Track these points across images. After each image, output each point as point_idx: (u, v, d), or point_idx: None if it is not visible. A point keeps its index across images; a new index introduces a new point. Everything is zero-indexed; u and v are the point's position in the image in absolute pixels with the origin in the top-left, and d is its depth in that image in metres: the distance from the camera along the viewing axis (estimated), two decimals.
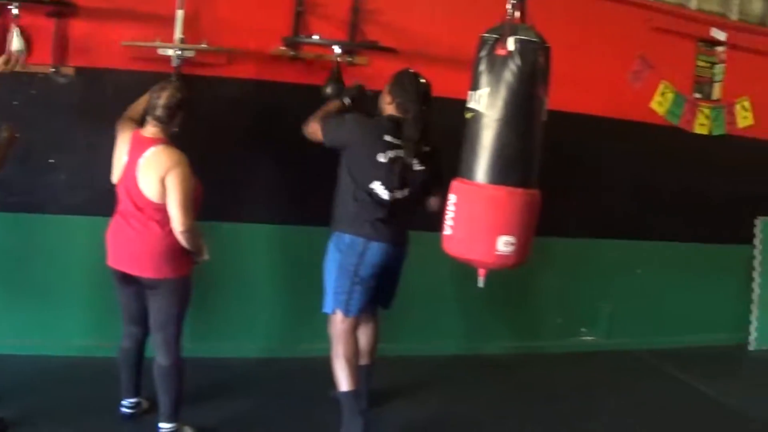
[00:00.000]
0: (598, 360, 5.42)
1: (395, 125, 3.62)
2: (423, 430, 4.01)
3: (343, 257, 3.66)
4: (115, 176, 3.34)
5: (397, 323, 4.35)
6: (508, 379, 4.86)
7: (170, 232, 3.24)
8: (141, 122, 3.37)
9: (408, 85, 3.68)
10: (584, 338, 5.59)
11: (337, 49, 4.18)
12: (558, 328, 5.51)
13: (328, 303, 3.74)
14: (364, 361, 3.98)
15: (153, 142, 3.26)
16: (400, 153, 3.60)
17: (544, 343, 5.42)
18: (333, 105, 3.84)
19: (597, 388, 4.91)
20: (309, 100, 3.94)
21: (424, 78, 3.73)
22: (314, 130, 3.69)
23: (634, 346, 5.65)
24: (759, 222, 6.04)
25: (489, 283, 3.39)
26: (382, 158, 3.57)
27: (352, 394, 3.67)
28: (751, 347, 6.07)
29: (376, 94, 3.84)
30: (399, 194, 3.63)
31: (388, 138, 3.58)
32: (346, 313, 3.69)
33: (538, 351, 5.34)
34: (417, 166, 3.65)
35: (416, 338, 4.95)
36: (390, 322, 4.16)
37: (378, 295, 3.85)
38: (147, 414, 3.66)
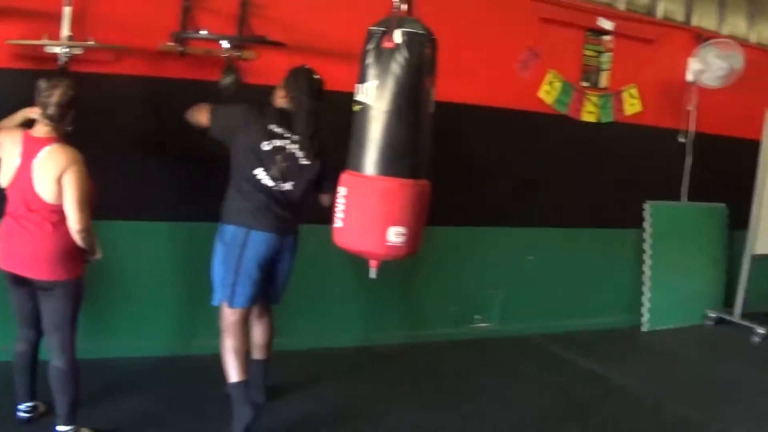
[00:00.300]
0: (493, 346, 5.67)
1: (283, 117, 3.77)
2: (319, 424, 4.11)
3: (226, 249, 3.79)
4: (5, 179, 3.33)
5: (291, 317, 4.49)
6: (402, 369, 5.05)
7: (65, 232, 3.27)
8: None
9: (302, 80, 3.81)
10: (478, 325, 5.84)
11: (225, 44, 4.29)
12: (452, 316, 5.72)
13: (216, 295, 3.87)
14: (259, 355, 4.11)
15: (46, 141, 3.27)
16: (287, 144, 3.75)
17: (439, 332, 5.62)
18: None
19: (490, 373, 5.14)
20: (199, 95, 4.01)
21: (318, 74, 3.86)
22: (200, 116, 3.83)
23: (528, 331, 5.95)
24: (648, 206, 6.45)
25: (382, 274, 3.54)
26: (266, 146, 3.71)
27: (241, 385, 3.78)
28: (644, 328, 6.49)
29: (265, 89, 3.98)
30: (284, 185, 3.77)
31: (273, 127, 3.72)
32: (231, 304, 3.80)
33: (433, 339, 5.55)
34: (304, 161, 3.79)
35: (311, 332, 5.11)
36: (284, 317, 4.29)
37: (267, 287, 3.97)
38: (44, 417, 3.68)
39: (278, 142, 3.75)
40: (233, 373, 3.80)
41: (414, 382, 4.86)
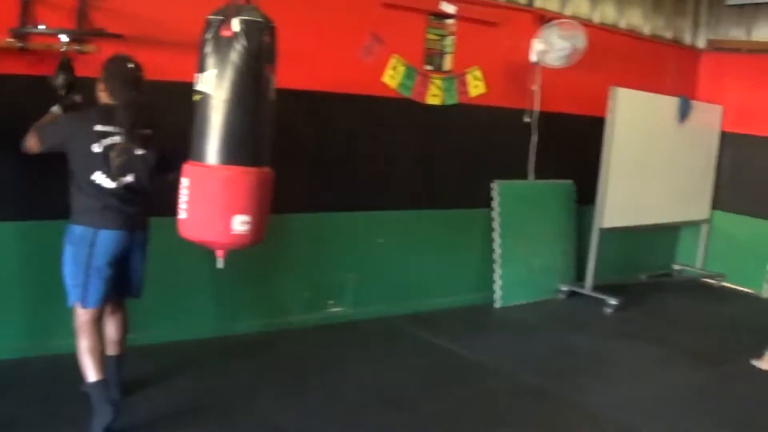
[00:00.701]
0: (349, 330, 5.97)
1: (107, 113, 3.86)
2: (176, 417, 4.23)
3: (75, 249, 3.88)
4: None
5: (144, 311, 4.59)
6: (259, 358, 5.23)
7: None
8: None
9: (116, 71, 3.92)
10: (333, 310, 6.13)
11: (63, 38, 4.34)
12: (306, 302, 5.97)
13: (69, 296, 3.96)
14: (114, 351, 4.20)
15: None
16: (117, 139, 3.85)
17: (294, 318, 5.88)
18: (47, 117, 4.07)
19: (347, 357, 5.41)
20: (41, 91, 4.12)
21: (133, 62, 3.95)
22: (31, 143, 3.92)
23: (383, 313, 6.28)
24: (496, 185, 6.91)
25: (235, 262, 3.75)
26: (96, 148, 3.80)
27: (99, 384, 3.88)
28: (497, 305, 6.97)
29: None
30: (125, 180, 3.89)
31: (99, 127, 3.81)
32: (84, 304, 3.91)
33: (288, 327, 5.78)
34: (138, 151, 3.92)
35: (165, 325, 5.24)
36: (138, 311, 4.40)
37: (122, 284, 4.09)
38: None
39: (107, 141, 3.85)
40: (91, 372, 3.90)
41: (275, 372, 5.03)
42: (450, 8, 6.32)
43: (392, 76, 6.06)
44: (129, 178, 3.95)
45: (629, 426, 4.68)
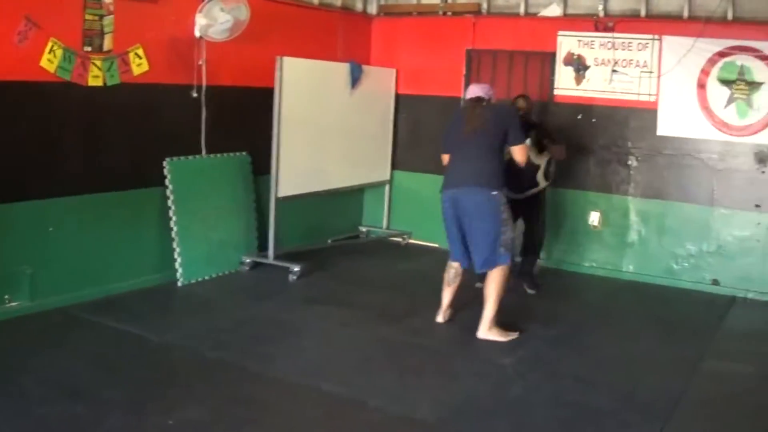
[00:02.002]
0: (27, 324, 6.27)
1: None
2: None
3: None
4: None
5: None
6: None
7: None
8: None
9: None
10: (10, 305, 6.40)
11: None
12: None
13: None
14: None
15: None
16: None
17: None
18: None
19: (26, 352, 5.68)
20: None
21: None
22: None
23: (63, 303, 6.66)
24: (167, 163, 7.56)
25: None
26: None
27: None
28: (180, 283, 7.65)
29: None
30: None
31: None
32: None
33: None
34: None
35: None
36: None
37: None
38: None
39: None
40: None
41: None
42: None
43: (50, 60, 6.45)
44: None
45: (311, 387, 5.40)
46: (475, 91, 6.84)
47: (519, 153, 6.65)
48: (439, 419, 5.06)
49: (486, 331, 6.55)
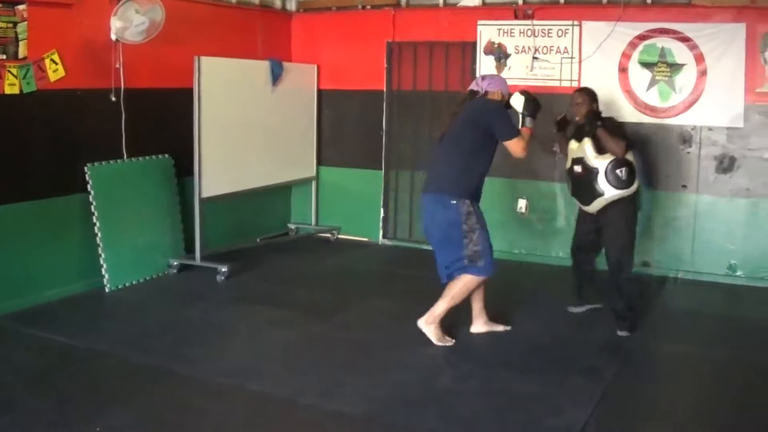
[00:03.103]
0: None
1: None
2: None
3: None
4: None
5: None
6: None
7: None
8: None
9: None
10: None
11: None
12: None
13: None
14: None
15: None
16: None
17: None
18: None
19: None
20: None
21: None
22: None
23: None
24: (88, 169, 7.61)
25: None
26: None
27: None
28: (107, 289, 7.72)
29: None
30: None
31: None
32: None
33: None
34: None
35: None
36: None
37: None
38: None
39: None
40: None
41: None
42: None
43: None
44: None
45: (240, 388, 5.50)
46: (472, 84, 6.52)
47: (513, 148, 6.20)
48: (368, 412, 5.21)
49: (426, 323, 6.37)
